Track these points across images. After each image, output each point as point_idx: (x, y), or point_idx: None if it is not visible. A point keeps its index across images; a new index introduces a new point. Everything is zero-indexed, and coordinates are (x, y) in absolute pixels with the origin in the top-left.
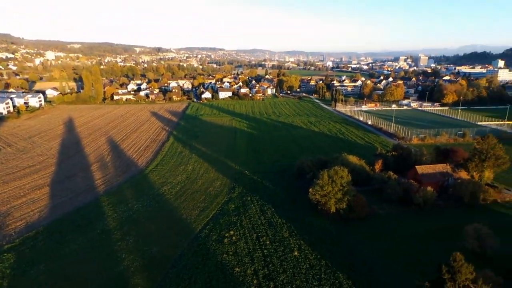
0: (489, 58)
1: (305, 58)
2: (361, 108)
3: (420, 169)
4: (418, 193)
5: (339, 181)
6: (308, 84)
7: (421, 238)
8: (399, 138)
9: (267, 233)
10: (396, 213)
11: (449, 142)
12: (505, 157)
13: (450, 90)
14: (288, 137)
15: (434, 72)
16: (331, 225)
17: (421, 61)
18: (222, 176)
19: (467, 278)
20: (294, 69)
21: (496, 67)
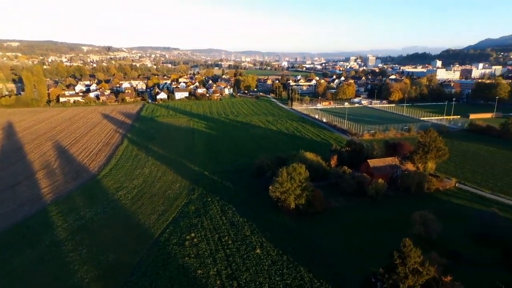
0: (428, 59)
1: (261, 58)
2: (316, 106)
3: (371, 163)
4: (370, 186)
5: (297, 178)
6: (265, 83)
7: (375, 228)
8: (352, 134)
9: (229, 233)
10: (351, 205)
11: (397, 136)
12: (445, 149)
13: (396, 88)
14: (247, 137)
15: (381, 72)
16: (291, 220)
17: (369, 61)
18: (181, 178)
19: (415, 261)
20: (250, 69)
21: (434, 67)
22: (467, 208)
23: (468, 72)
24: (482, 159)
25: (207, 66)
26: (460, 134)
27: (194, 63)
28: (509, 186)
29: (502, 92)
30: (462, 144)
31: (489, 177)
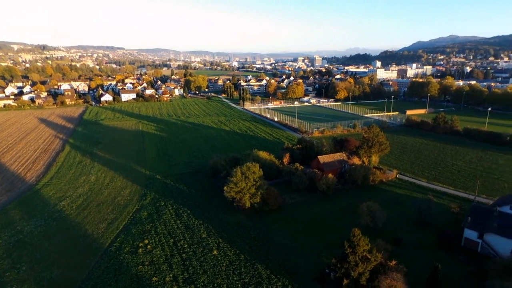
0: (369, 59)
1: (211, 58)
2: (267, 106)
3: (322, 159)
4: (321, 181)
5: (252, 177)
6: (216, 84)
7: (327, 220)
8: (303, 132)
9: (185, 237)
10: (304, 201)
11: (344, 133)
12: (386, 143)
13: (341, 87)
14: (200, 138)
15: (327, 72)
16: (247, 219)
17: (316, 61)
18: (131, 183)
19: (364, 249)
20: (201, 69)
21: (375, 67)
22: (407, 196)
23: (403, 71)
24: (418, 151)
25: (155, 66)
26: (399, 129)
27: (141, 63)
28: (442, 174)
29: (433, 90)
30: (401, 138)
31: (424, 168)
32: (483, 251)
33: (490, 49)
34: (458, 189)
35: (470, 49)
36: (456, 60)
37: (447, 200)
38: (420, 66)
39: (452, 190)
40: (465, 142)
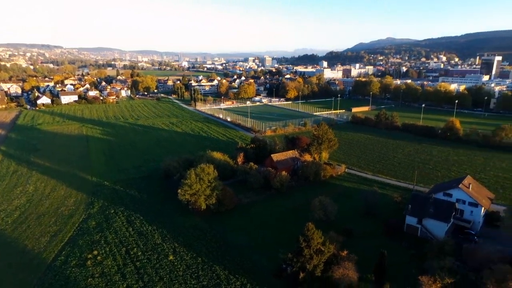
0: (316, 60)
1: (159, 58)
2: (220, 106)
3: (275, 157)
4: (275, 179)
5: (206, 178)
6: (166, 84)
7: (282, 217)
8: (256, 132)
9: (138, 244)
10: (260, 199)
11: (295, 131)
12: (335, 140)
13: (291, 87)
14: (151, 140)
15: (277, 72)
16: (203, 221)
17: (266, 61)
18: (76, 191)
19: (318, 242)
20: (149, 69)
21: (322, 67)
22: (355, 189)
23: (348, 71)
24: (364, 146)
25: (98, 66)
26: (346, 126)
27: (82, 63)
28: (385, 167)
29: (374, 89)
30: (347, 134)
31: (369, 161)
32: (422, 235)
33: (422, 51)
34: (400, 180)
35: (405, 50)
36: (394, 61)
37: (391, 190)
38: (363, 66)
39: (394, 181)
40: (404, 136)
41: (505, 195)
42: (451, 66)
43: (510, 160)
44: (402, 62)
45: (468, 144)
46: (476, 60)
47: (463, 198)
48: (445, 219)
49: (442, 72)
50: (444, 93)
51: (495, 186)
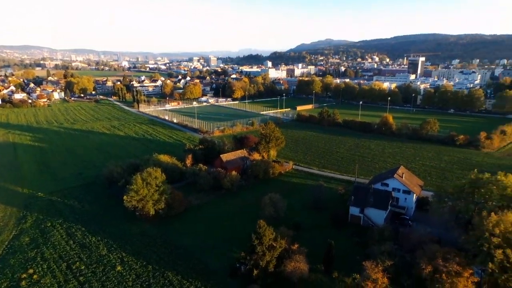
0: (261, 59)
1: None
2: (165, 107)
3: (224, 157)
4: (226, 179)
5: (154, 182)
6: (105, 85)
7: (234, 216)
8: (204, 132)
9: (81, 257)
10: (211, 200)
11: (243, 130)
12: (282, 138)
13: (237, 86)
14: (90, 145)
15: (223, 72)
16: (153, 227)
17: (211, 61)
18: (5, 205)
19: (270, 238)
20: (85, 69)
21: (267, 67)
22: (303, 184)
23: (292, 71)
24: (309, 142)
25: (24, 66)
26: (291, 124)
27: (4, 62)
28: (329, 162)
29: (317, 87)
30: (294, 132)
31: (315, 157)
32: (364, 223)
33: (358, 52)
34: (343, 173)
35: (343, 51)
36: (333, 61)
37: (335, 183)
38: (305, 66)
39: (338, 174)
40: (345, 132)
41: (432, 182)
42: (383, 66)
43: (435, 150)
44: (340, 62)
45: (400, 137)
46: (404, 61)
47: (398, 187)
48: (383, 207)
49: (375, 71)
50: (378, 91)
51: (424, 174)
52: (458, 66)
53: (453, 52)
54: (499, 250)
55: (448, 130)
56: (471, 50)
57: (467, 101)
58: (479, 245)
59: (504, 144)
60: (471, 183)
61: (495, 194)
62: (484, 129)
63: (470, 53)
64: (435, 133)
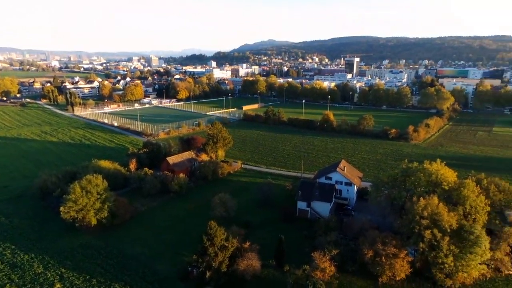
0: (205, 60)
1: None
2: (104, 110)
3: (171, 160)
4: (173, 182)
5: (94, 190)
6: (32, 87)
7: (184, 219)
8: (148, 135)
9: (11, 279)
10: (159, 205)
11: (190, 132)
12: (229, 137)
13: (181, 87)
14: (17, 154)
15: (166, 72)
16: (96, 239)
17: (153, 61)
18: None
19: (222, 239)
20: (7, 70)
21: (211, 67)
22: (252, 183)
23: (236, 71)
24: (256, 141)
25: None
26: (238, 123)
27: None
28: (276, 159)
29: (261, 87)
30: (241, 132)
31: (263, 155)
32: (312, 216)
33: (299, 52)
34: (290, 170)
35: (285, 51)
36: (276, 61)
37: (283, 180)
38: (249, 66)
39: (285, 171)
40: (290, 130)
41: (370, 173)
42: (322, 66)
43: (371, 144)
44: (283, 62)
45: (340, 133)
46: (341, 61)
47: (340, 180)
48: (328, 199)
49: (316, 71)
50: (319, 90)
51: (363, 166)
52: (388, 66)
53: (383, 53)
54: (428, 230)
55: (382, 125)
56: (398, 51)
57: (397, 98)
58: (411, 227)
59: (428, 136)
60: (402, 172)
61: (422, 181)
62: (412, 123)
63: (397, 54)
64: (371, 128)
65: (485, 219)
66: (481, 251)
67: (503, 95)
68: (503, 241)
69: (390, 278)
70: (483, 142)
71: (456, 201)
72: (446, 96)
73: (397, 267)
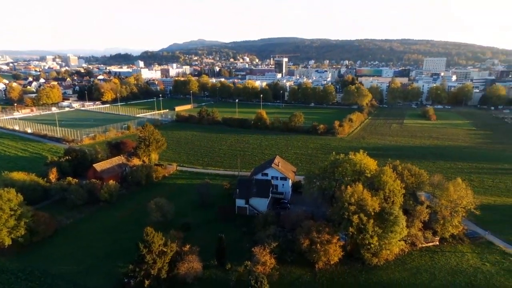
0: (131, 59)
1: None
2: (13, 116)
3: (98, 167)
4: (102, 190)
5: (7, 206)
6: None
7: (116, 228)
8: (69, 142)
9: None
10: (87, 216)
11: (118, 136)
12: (162, 140)
13: (106, 88)
14: None
15: (88, 72)
16: (11, 261)
17: (71, 61)
18: None
19: (160, 244)
20: None
21: (138, 67)
22: (189, 185)
23: (166, 71)
24: (191, 142)
25: None
26: (171, 125)
27: None
28: (213, 160)
29: (194, 87)
30: (174, 133)
31: (199, 156)
32: (250, 213)
33: (230, 52)
34: (227, 169)
35: (216, 51)
36: (207, 61)
37: (220, 180)
38: (180, 66)
39: (222, 171)
40: (225, 129)
41: (303, 167)
42: (253, 66)
43: (302, 140)
44: (214, 62)
45: (273, 130)
46: (271, 61)
47: (276, 175)
48: (265, 195)
49: (247, 71)
50: (251, 89)
51: (296, 161)
52: (314, 66)
53: (309, 53)
54: (355, 215)
55: (311, 121)
56: (323, 52)
57: (323, 95)
58: (341, 214)
59: (352, 129)
60: (331, 164)
61: (349, 171)
62: (337, 118)
63: (322, 55)
64: (302, 124)
65: (401, 200)
66: (399, 229)
67: (410, 91)
68: (416, 219)
69: (325, 263)
70: (396, 133)
71: (377, 187)
72: (365, 93)
73: (331, 252)
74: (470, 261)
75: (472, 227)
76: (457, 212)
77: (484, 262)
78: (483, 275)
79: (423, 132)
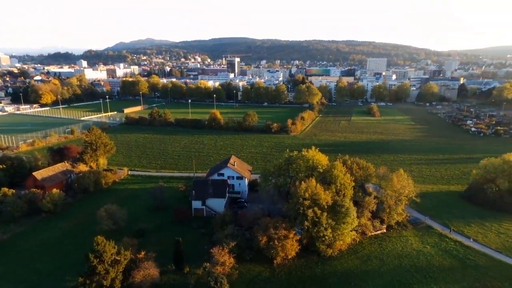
0: (72, 59)
1: None
2: None
3: (39, 175)
4: (45, 200)
5: None
6: None
7: (62, 240)
8: (3, 149)
9: None
10: (27, 229)
11: (61, 140)
12: (111, 143)
13: (45, 90)
14: None
15: (22, 72)
16: None
17: (2, 60)
18: None
19: (112, 253)
20: None
21: (81, 67)
22: (142, 189)
23: (113, 71)
24: (143, 145)
25: None
26: (120, 128)
27: None
28: (166, 162)
29: (143, 88)
30: (124, 136)
31: (151, 159)
32: (208, 214)
33: (180, 52)
34: (182, 171)
35: (165, 51)
36: (157, 61)
37: (176, 182)
38: (128, 66)
39: (177, 173)
40: (178, 131)
41: (258, 165)
42: (205, 66)
43: (257, 138)
44: (165, 62)
45: (228, 130)
46: (223, 61)
47: (232, 175)
48: (222, 195)
49: (199, 71)
50: (204, 89)
51: (251, 160)
52: (266, 66)
53: (261, 54)
54: (310, 209)
55: (265, 120)
56: (273, 52)
57: (276, 95)
58: (296, 209)
59: (304, 127)
60: (285, 161)
61: (302, 167)
62: (290, 117)
63: (273, 55)
64: (256, 123)
65: (351, 193)
66: (351, 220)
67: (356, 90)
68: (365, 209)
69: (283, 258)
70: (345, 129)
71: (329, 181)
72: (315, 92)
73: (288, 247)
74: (413, 245)
75: (414, 213)
76: (401, 201)
77: (425, 245)
78: (425, 257)
79: (369, 127)
